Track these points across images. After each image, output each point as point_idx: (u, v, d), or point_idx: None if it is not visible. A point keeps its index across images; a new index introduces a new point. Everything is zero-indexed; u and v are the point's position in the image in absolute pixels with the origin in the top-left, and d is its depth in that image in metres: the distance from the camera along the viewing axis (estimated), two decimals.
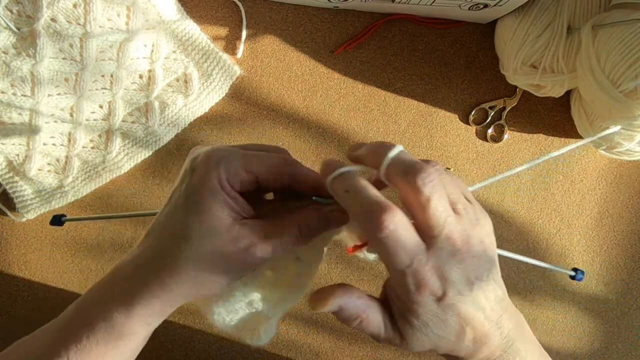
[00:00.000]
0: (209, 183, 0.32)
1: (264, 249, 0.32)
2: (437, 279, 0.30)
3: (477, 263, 0.31)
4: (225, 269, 0.33)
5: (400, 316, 0.33)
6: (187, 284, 0.32)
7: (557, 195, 0.58)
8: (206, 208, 0.32)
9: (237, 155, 0.33)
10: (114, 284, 0.34)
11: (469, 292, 0.31)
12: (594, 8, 0.48)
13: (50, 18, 0.47)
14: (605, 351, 0.60)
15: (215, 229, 0.32)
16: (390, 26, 0.56)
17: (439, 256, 0.30)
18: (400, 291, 0.31)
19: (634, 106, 0.44)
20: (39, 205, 0.56)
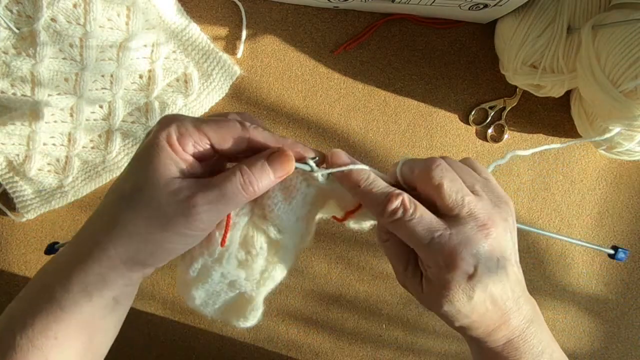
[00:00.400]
0: (156, 140, 0.31)
1: (205, 200, 0.30)
2: (468, 254, 0.31)
3: (502, 240, 0.32)
4: (165, 224, 0.30)
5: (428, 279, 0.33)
6: (124, 242, 0.31)
7: (557, 195, 0.58)
8: (149, 163, 0.31)
9: (192, 118, 0.32)
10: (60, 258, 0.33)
11: (495, 268, 0.32)
12: (594, 8, 0.48)
13: (50, 18, 0.47)
14: (605, 351, 0.60)
15: (153, 183, 0.30)
16: (390, 26, 0.56)
17: (464, 231, 0.31)
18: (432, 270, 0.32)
19: (634, 106, 0.44)
20: (39, 205, 0.56)
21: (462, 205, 0.32)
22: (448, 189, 0.32)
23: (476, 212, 0.32)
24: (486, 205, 0.33)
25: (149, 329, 0.58)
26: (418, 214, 0.32)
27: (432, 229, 0.31)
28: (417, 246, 0.33)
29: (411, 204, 0.32)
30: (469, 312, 0.32)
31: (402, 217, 0.32)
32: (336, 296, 0.58)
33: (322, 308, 0.58)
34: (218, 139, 0.32)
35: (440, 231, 0.31)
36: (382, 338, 0.59)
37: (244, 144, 0.33)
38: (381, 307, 0.58)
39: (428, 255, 0.32)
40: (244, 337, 0.59)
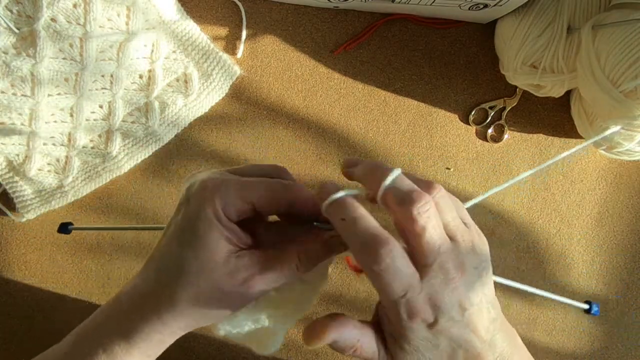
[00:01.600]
0: (203, 215, 0.31)
1: (263, 282, 0.32)
2: (429, 307, 0.30)
3: (470, 289, 0.31)
4: (223, 303, 0.32)
5: (392, 340, 0.32)
6: (185, 319, 0.32)
7: (557, 195, 0.58)
8: (201, 241, 0.31)
9: (233, 184, 0.32)
10: (113, 316, 0.34)
11: (460, 317, 0.31)
12: (594, 8, 0.48)
13: (50, 18, 0.47)
14: (605, 351, 0.60)
15: (211, 263, 0.31)
16: (390, 26, 0.56)
17: (432, 285, 0.30)
18: (392, 318, 0.31)
19: (634, 106, 0.44)
20: (39, 205, 0.56)
21: (436, 256, 0.30)
22: (429, 236, 0.29)
23: (447, 265, 0.30)
24: (459, 253, 0.31)
25: None
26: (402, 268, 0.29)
27: (407, 285, 0.29)
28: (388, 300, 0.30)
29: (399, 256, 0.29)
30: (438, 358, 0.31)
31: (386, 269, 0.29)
32: (336, 296, 0.58)
33: (322, 308, 0.58)
34: (262, 204, 0.32)
35: (414, 287, 0.29)
36: None
37: (285, 205, 0.33)
38: None
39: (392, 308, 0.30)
40: None
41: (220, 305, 0.32)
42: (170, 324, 0.32)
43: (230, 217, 0.32)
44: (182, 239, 0.32)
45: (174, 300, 0.32)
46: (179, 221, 0.33)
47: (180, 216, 0.33)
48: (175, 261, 0.32)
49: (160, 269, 0.33)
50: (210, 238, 0.31)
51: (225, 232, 0.32)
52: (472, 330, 0.31)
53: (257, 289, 0.32)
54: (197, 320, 0.33)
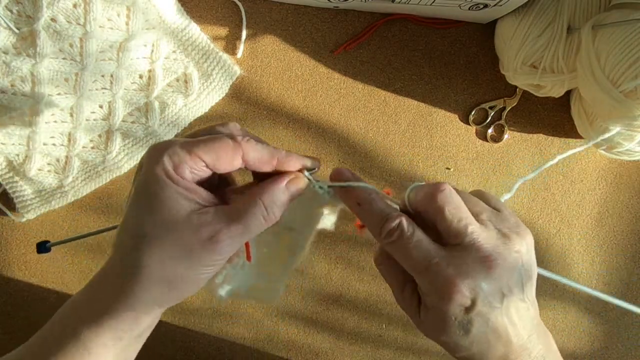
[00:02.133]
0: (154, 176, 0.30)
1: (230, 235, 0.30)
2: (465, 286, 0.30)
3: (509, 274, 0.30)
4: (191, 263, 0.30)
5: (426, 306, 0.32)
6: (154, 288, 0.30)
7: (557, 195, 0.58)
8: (157, 201, 0.30)
9: (179, 143, 0.31)
10: (82, 298, 0.33)
11: (499, 303, 0.30)
12: (594, 8, 0.48)
13: (50, 18, 0.47)
14: (605, 351, 0.60)
15: (171, 222, 0.30)
16: (390, 26, 0.56)
17: (464, 262, 0.30)
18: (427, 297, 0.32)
19: (634, 106, 0.44)
20: (39, 205, 0.56)
21: (464, 234, 0.30)
22: (450, 214, 0.31)
23: (480, 242, 0.30)
24: (492, 235, 0.31)
25: None
26: (415, 238, 0.31)
27: (429, 256, 0.30)
28: (413, 271, 0.31)
29: (409, 227, 0.31)
30: (467, 345, 0.31)
31: (399, 239, 0.31)
32: (336, 296, 0.58)
33: (322, 308, 0.58)
34: (212, 159, 0.31)
35: (437, 259, 0.30)
36: (382, 338, 0.59)
37: (239, 160, 0.32)
38: (381, 307, 0.58)
39: (424, 282, 0.31)
40: (243, 338, 0.59)
41: (188, 265, 0.30)
42: (140, 296, 0.30)
43: (183, 176, 0.31)
44: (138, 204, 0.31)
45: (138, 266, 0.30)
46: (134, 188, 0.32)
47: (135, 183, 0.32)
48: (134, 227, 0.31)
49: (121, 240, 0.32)
50: (165, 197, 0.30)
51: (180, 189, 0.30)
52: (511, 323, 0.31)
53: (225, 244, 0.30)
54: (170, 290, 0.31)
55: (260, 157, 0.33)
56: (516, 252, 0.31)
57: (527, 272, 0.32)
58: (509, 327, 0.31)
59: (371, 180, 0.58)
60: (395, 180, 0.58)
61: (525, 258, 0.32)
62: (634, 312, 0.35)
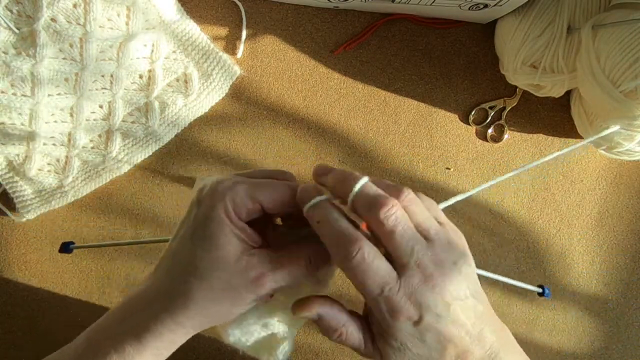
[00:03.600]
0: (215, 215, 0.32)
1: (273, 281, 0.33)
2: (412, 305, 0.31)
3: (452, 284, 0.32)
4: (235, 300, 0.33)
5: (379, 336, 0.33)
6: (197, 317, 0.33)
7: (557, 195, 0.58)
8: (213, 239, 0.32)
9: (243, 185, 0.33)
10: (125, 316, 0.34)
11: (446, 312, 0.31)
12: (594, 8, 0.48)
13: (50, 18, 0.47)
14: (605, 351, 0.60)
15: (223, 261, 0.32)
16: (390, 26, 0.56)
17: (411, 283, 0.31)
18: (377, 315, 0.32)
19: (634, 106, 0.44)
20: (39, 205, 0.56)
21: (410, 255, 0.31)
22: (399, 237, 0.31)
23: (424, 262, 0.31)
24: (437, 251, 0.32)
25: None
26: (375, 265, 0.31)
27: (383, 282, 0.31)
28: (367, 296, 0.32)
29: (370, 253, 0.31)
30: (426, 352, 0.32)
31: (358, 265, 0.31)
32: (336, 296, 0.58)
33: None
34: (270, 205, 0.34)
35: (391, 285, 0.31)
36: None
37: (292, 206, 0.34)
38: None
39: (375, 305, 0.32)
40: None
41: (232, 302, 0.33)
42: (183, 323, 0.33)
43: (240, 217, 0.33)
44: (194, 239, 0.33)
45: (187, 297, 0.32)
46: (191, 222, 0.34)
47: (192, 217, 0.34)
48: (188, 260, 0.33)
49: (173, 268, 0.34)
50: (222, 237, 0.32)
51: (236, 230, 0.33)
52: (460, 325, 0.32)
53: (267, 287, 0.32)
54: (208, 319, 0.33)
55: None
56: (454, 263, 0.32)
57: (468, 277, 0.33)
58: (458, 329, 0.32)
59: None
60: (395, 180, 0.58)
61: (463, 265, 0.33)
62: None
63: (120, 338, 0.33)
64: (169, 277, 0.34)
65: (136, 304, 0.34)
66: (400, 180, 0.58)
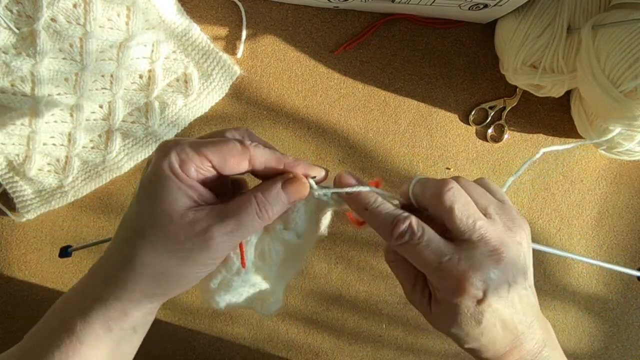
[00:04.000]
0: (160, 171, 0.31)
1: (223, 231, 0.30)
2: (477, 279, 0.31)
3: (514, 265, 0.32)
4: (184, 258, 0.31)
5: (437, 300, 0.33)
6: (144, 280, 0.31)
7: (557, 195, 0.58)
8: (157, 195, 0.31)
9: (190, 142, 0.32)
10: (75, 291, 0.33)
11: (506, 293, 0.31)
12: (594, 8, 0.48)
13: (50, 18, 0.47)
14: (605, 351, 0.60)
15: (166, 216, 0.30)
16: (390, 26, 0.56)
17: (474, 255, 0.31)
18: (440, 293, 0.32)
19: (634, 106, 0.44)
20: (39, 205, 0.56)
21: (473, 230, 0.31)
22: (459, 213, 0.32)
23: (487, 236, 0.31)
24: (499, 229, 0.32)
25: (149, 330, 0.58)
26: (426, 237, 0.31)
27: (440, 254, 0.31)
28: (426, 270, 0.32)
29: (419, 227, 0.32)
30: (478, 335, 0.32)
31: (410, 240, 0.32)
32: (336, 296, 0.58)
33: (322, 308, 0.58)
34: (219, 161, 0.32)
35: (449, 256, 0.31)
36: (382, 338, 0.59)
37: (246, 164, 0.32)
38: (381, 307, 0.58)
39: (436, 279, 0.32)
40: (244, 338, 0.59)
41: (181, 260, 0.30)
42: (129, 287, 0.31)
43: (188, 174, 0.31)
44: (139, 198, 0.32)
45: (131, 257, 0.30)
46: (140, 182, 0.32)
47: (141, 177, 0.33)
48: (132, 219, 0.32)
49: (120, 231, 0.32)
50: (166, 192, 0.30)
51: (182, 186, 0.31)
52: (517, 312, 0.32)
53: (217, 240, 0.30)
54: (160, 283, 0.31)
55: (266, 161, 0.33)
56: (518, 243, 0.33)
57: (528, 261, 0.33)
58: (514, 316, 0.32)
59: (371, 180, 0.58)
60: (395, 180, 0.58)
61: (526, 248, 0.33)
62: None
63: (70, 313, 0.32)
64: (116, 239, 0.32)
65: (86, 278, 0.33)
66: (400, 180, 0.58)
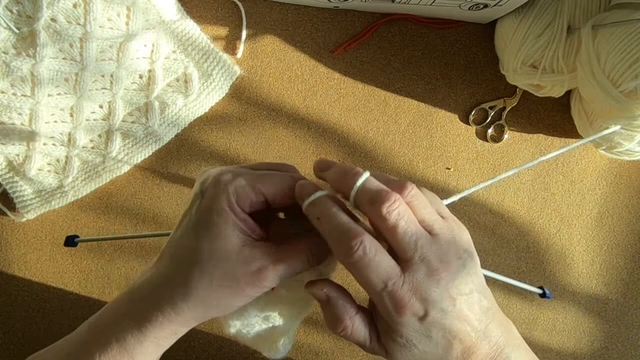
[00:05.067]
0: (218, 206, 0.32)
1: (275, 273, 0.33)
2: (417, 300, 0.30)
3: (457, 279, 0.31)
4: (235, 292, 0.33)
5: (384, 333, 0.33)
6: (198, 307, 0.33)
7: (557, 195, 0.58)
8: (216, 231, 0.32)
9: (246, 176, 0.33)
10: (127, 305, 0.34)
11: (452, 307, 0.31)
12: (594, 8, 0.48)
13: (50, 18, 0.47)
14: (605, 351, 0.60)
15: (225, 252, 0.32)
16: (390, 26, 0.56)
17: (415, 278, 0.31)
18: (382, 312, 0.32)
19: (634, 106, 0.44)
20: (39, 205, 0.56)
21: (414, 250, 0.31)
22: (402, 232, 0.30)
23: (428, 257, 0.31)
24: (441, 246, 0.32)
25: None
26: (377, 259, 0.30)
27: (386, 278, 0.30)
28: (370, 292, 0.32)
29: (371, 248, 0.30)
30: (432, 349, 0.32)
31: (360, 260, 0.30)
32: None
33: None
34: (273, 196, 0.34)
35: (394, 279, 0.30)
36: None
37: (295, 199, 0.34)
38: None
39: (379, 301, 0.31)
40: None
41: (232, 293, 0.33)
42: (183, 314, 0.33)
43: (243, 209, 0.33)
44: (196, 230, 0.33)
45: (188, 288, 0.32)
46: (193, 213, 0.34)
47: (195, 209, 0.34)
48: (189, 251, 0.33)
49: (175, 259, 0.34)
50: (224, 228, 0.32)
51: (238, 222, 0.33)
52: (465, 320, 0.32)
53: (269, 280, 0.32)
54: (209, 310, 0.33)
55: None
56: (459, 257, 0.32)
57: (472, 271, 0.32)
58: (464, 325, 0.32)
59: None
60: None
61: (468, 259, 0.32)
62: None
63: (122, 327, 0.33)
64: (171, 266, 0.34)
65: (138, 294, 0.34)
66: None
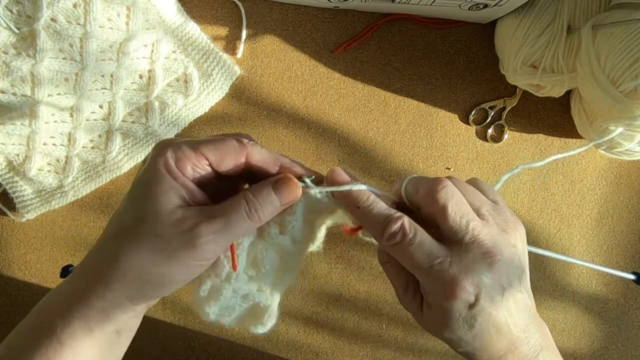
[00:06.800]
0: (154, 169, 0.30)
1: (210, 230, 0.29)
2: (468, 281, 0.30)
3: (508, 267, 0.31)
4: (169, 258, 0.29)
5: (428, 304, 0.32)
6: (127, 280, 0.29)
7: (557, 195, 0.58)
8: (149, 194, 0.30)
9: (190, 141, 0.31)
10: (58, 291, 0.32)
11: (500, 297, 0.31)
12: (594, 8, 0.48)
13: (50, 18, 0.47)
14: (605, 351, 0.60)
15: (156, 213, 0.29)
16: (390, 26, 0.56)
17: (466, 259, 0.30)
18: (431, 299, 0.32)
19: (634, 106, 0.44)
20: (39, 205, 0.56)
21: (465, 231, 0.31)
22: (452, 212, 0.31)
23: (480, 238, 0.31)
24: (492, 230, 0.31)
25: (149, 329, 0.58)
26: (418, 239, 0.31)
27: (431, 256, 0.30)
28: (416, 272, 0.31)
29: (411, 228, 0.31)
30: (470, 339, 0.31)
31: (401, 241, 0.31)
32: (336, 296, 0.58)
33: (322, 308, 0.58)
34: (216, 158, 0.31)
35: (441, 258, 0.30)
36: (382, 338, 0.59)
37: (243, 163, 0.32)
38: (381, 307, 0.58)
39: (427, 281, 0.31)
40: (243, 338, 0.59)
41: (166, 260, 0.29)
42: (113, 287, 0.29)
43: (184, 172, 0.30)
44: (132, 195, 0.31)
45: (117, 255, 0.29)
46: (136, 178, 0.32)
47: (137, 173, 0.32)
48: (120, 217, 0.31)
49: (107, 230, 0.31)
50: (157, 189, 0.30)
51: (175, 184, 0.30)
52: (511, 315, 0.31)
53: (204, 238, 0.29)
54: (145, 286, 0.30)
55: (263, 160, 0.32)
56: (513, 245, 0.32)
57: (523, 265, 0.33)
58: (508, 319, 0.31)
59: (371, 180, 0.58)
60: (395, 180, 0.57)
61: (520, 250, 0.33)
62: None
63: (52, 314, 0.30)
64: (104, 237, 0.31)
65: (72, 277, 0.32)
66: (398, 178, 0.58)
